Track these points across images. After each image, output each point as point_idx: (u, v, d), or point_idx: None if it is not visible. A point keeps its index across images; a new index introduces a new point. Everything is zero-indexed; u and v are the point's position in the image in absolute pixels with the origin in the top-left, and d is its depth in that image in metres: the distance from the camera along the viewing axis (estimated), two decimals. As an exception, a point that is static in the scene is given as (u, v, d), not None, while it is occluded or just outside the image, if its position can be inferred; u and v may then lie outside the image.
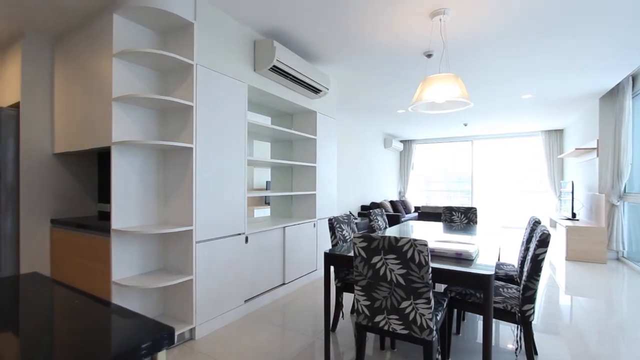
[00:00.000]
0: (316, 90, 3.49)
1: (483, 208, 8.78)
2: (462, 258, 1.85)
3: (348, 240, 2.66)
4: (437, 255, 1.92)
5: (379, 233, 2.82)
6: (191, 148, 2.30)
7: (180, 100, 2.20)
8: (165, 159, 2.47)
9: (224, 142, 2.56)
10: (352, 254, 2.00)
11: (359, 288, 1.66)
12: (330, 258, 2.06)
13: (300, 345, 2.25)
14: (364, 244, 1.61)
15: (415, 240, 1.48)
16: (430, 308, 1.50)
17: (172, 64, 2.31)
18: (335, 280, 2.46)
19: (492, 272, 1.57)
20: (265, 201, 6.08)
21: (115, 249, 2.16)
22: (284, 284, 3.31)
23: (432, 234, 2.74)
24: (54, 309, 0.81)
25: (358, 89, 4.59)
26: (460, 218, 3.70)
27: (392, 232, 2.89)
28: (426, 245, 1.46)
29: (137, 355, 0.57)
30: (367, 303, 1.65)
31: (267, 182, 6.04)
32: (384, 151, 8.82)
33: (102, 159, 2.76)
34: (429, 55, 3.33)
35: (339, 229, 2.58)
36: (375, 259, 1.59)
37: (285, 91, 3.27)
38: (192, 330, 2.32)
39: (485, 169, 8.77)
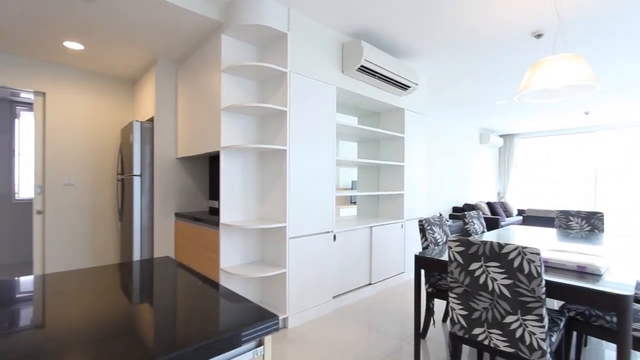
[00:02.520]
0: (404, 87, 3.38)
1: (610, 213, 7.25)
2: (586, 272, 1.57)
3: (440, 243, 2.51)
4: (552, 267, 1.67)
5: (476, 238, 2.58)
6: (285, 150, 2.47)
7: (276, 106, 2.39)
8: (262, 161, 2.71)
9: (314, 144, 2.68)
10: (445, 258, 1.89)
11: (454, 296, 1.55)
12: (420, 261, 1.98)
13: (387, 348, 2.21)
14: (461, 249, 1.50)
15: (524, 247, 1.31)
16: (543, 327, 1.31)
17: (268, 74, 2.53)
18: (425, 285, 2.34)
19: (632, 293, 1.29)
20: (351, 200, 6.15)
21: (223, 240, 2.47)
22: (370, 284, 3.30)
23: (543, 242, 2.39)
24: (181, 287, 0.97)
25: (450, 81, 4.28)
26: (581, 224, 3.13)
27: (490, 237, 2.62)
28: (538, 254, 1.28)
29: (248, 336, 0.65)
30: (464, 313, 1.53)
31: (352, 181, 6.10)
32: (479, 147, 8.03)
33: (212, 161, 3.18)
34: (539, 36, 2.90)
35: (429, 231, 2.45)
36: (474, 266, 1.46)
37: (372, 90, 3.26)
38: (285, 320, 2.50)
39: (613, 166, 7.21)
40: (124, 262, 1.30)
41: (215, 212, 3.00)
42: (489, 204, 7.14)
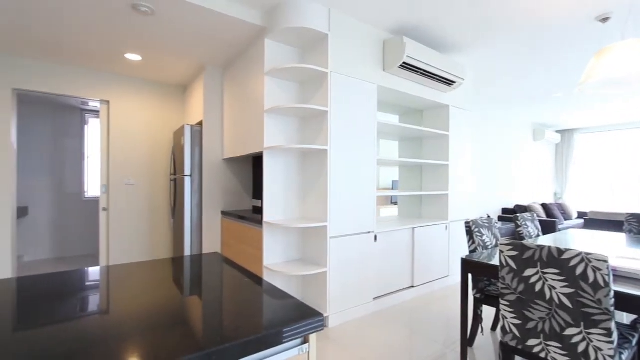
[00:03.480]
0: (449, 82, 3.24)
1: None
2: (663, 284, 1.39)
3: (489, 246, 2.37)
4: (622, 276, 1.50)
5: (530, 242, 2.40)
6: (326, 150, 2.49)
7: (317, 107, 2.42)
8: (304, 161, 2.76)
9: (355, 143, 2.67)
10: (495, 262, 1.78)
11: (506, 303, 1.46)
12: (468, 265, 1.89)
13: (431, 354, 2.14)
14: (514, 253, 1.40)
15: (589, 254, 1.20)
16: (611, 342, 1.19)
17: (309, 75, 2.56)
18: (473, 290, 2.23)
19: None
20: (391, 201, 6.02)
21: (266, 238, 2.55)
22: (412, 286, 3.22)
23: (610, 248, 2.16)
24: (229, 282, 1.02)
25: (501, 74, 4.03)
26: (657, 230, 2.78)
27: (547, 241, 2.42)
28: (606, 261, 1.17)
29: (294, 332, 0.67)
30: (517, 322, 1.43)
31: (392, 181, 5.97)
32: (533, 144, 7.45)
33: (255, 162, 3.30)
34: (604, 20, 2.62)
35: (477, 234, 2.32)
36: (529, 272, 1.36)
37: (415, 87, 3.16)
38: (325, 319, 2.52)
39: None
40: (176, 256, 1.39)
41: (258, 210, 3.10)
42: (544, 206, 6.60)
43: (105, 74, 3.70)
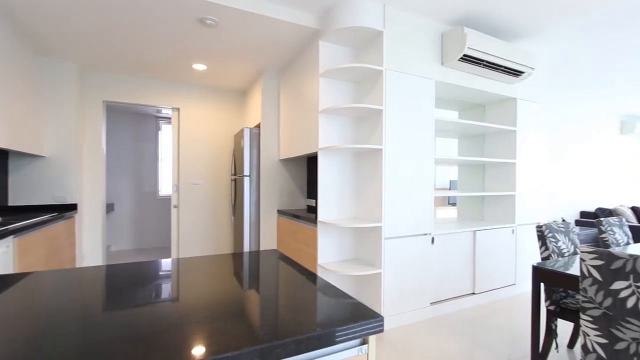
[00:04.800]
0: (517, 73, 2.97)
1: None
2: None
3: (565, 254, 2.13)
4: None
5: (618, 250, 2.10)
6: (380, 149, 2.45)
7: (371, 106, 2.39)
8: (358, 160, 2.74)
9: (411, 142, 2.58)
10: (573, 272, 1.59)
11: (588, 319, 1.29)
12: (540, 273, 1.71)
13: (499, 367, 1.98)
14: (599, 262, 1.24)
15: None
16: None
17: (364, 74, 2.54)
18: (545, 301, 2.01)
19: None
20: (449, 201, 5.70)
21: (321, 237, 2.58)
22: (473, 293, 3.01)
23: None
24: (289, 279, 1.05)
25: (579, 60, 3.58)
26: None
27: (639, 250, 2.10)
28: None
29: (353, 333, 0.67)
30: (603, 341, 1.26)
31: (450, 181, 5.64)
32: (620, 139, 6.49)
33: (309, 162, 3.37)
34: None
35: (552, 239, 2.10)
36: (618, 285, 1.19)
37: (477, 80, 2.96)
38: (381, 321, 2.47)
39: None
40: (237, 252, 1.48)
41: (312, 210, 3.16)
42: (635, 210, 5.71)
43: (176, 83, 4.07)
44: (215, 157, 4.35)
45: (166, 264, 1.24)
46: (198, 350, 0.57)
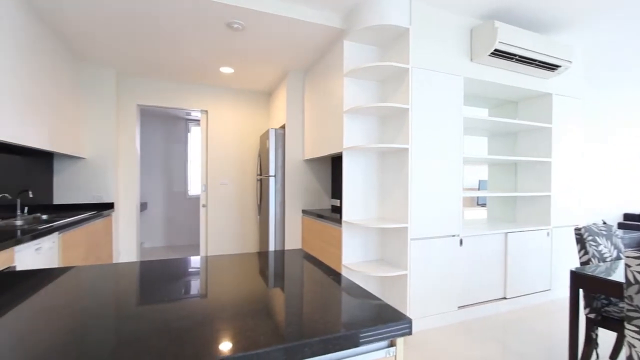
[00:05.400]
0: (552, 67, 2.82)
1: None
2: None
3: (607, 258, 1.99)
4: None
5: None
6: (407, 149, 2.40)
7: (397, 105, 2.35)
8: (383, 160, 2.71)
9: (439, 141, 2.52)
10: (616, 278, 1.48)
11: (634, 329, 1.21)
12: (579, 279, 1.62)
13: (533, 377, 1.88)
14: (646, 270, 1.15)
15: None
16: None
17: (389, 72, 2.50)
18: (585, 309, 1.89)
19: None
20: (478, 202, 5.50)
21: (345, 237, 2.57)
22: (504, 298, 2.89)
23: None
24: (315, 279, 1.05)
25: (625, 51, 3.34)
26: None
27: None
28: None
29: (381, 334, 0.66)
30: (651, 353, 1.17)
31: (479, 181, 5.44)
32: (671, 136, 5.97)
33: (334, 162, 3.37)
34: None
35: (592, 243, 1.97)
36: (668, 294, 1.10)
37: (508, 76, 2.84)
38: (407, 323, 2.43)
39: None
40: (262, 250, 1.50)
41: (337, 210, 3.16)
42: (689, 212, 5.24)
43: (204, 87, 4.21)
44: (242, 157, 4.45)
45: (195, 261, 1.28)
46: (229, 345, 0.58)
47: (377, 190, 2.72)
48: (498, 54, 2.55)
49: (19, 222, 2.36)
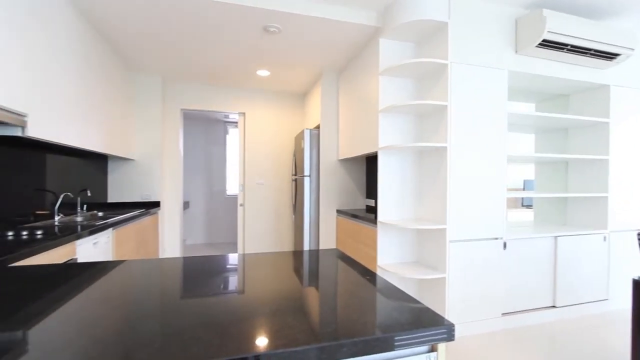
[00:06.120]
0: (610, 56, 2.58)
1: None
2: None
3: (679, 268, 1.78)
4: None
5: None
6: (445, 147, 2.32)
7: (435, 102, 2.28)
8: (420, 160, 2.64)
9: (480, 138, 2.40)
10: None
11: None
12: (644, 289, 1.46)
13: (588, 393, 1.74)
14: None
15: None
16: None
17: (426, 69, 2.43)
18: (651, 322, 1.71)
19: None
20: (522, 203, 5.16)
21: (380, 237, 2.54)
22: (554, 306, 2.69)
23: None
24: (352, 279, 1.05)
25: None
26: None
27: None
28: None
29: (422, 338, 0.64)
30: None
31: (524, 181, 5.10)
32: None
33: (368, 162, 3.33)
34: None
35: (659, 250, 1.77)
36: None
37: (559, 67, 2.64)
38: (445, 328, 2.34)
39: None
40: (297, 250, 1.52)
41: (371, 210, 3.12)
42: None
43: (242, 90, 4.35)
44: (277, 158, 4.55)
45: (233, 258, 1.32)
46: (269, 341, 0.60)
47: (413, 190, 2.65)
48: (547, 44, 2.38)
49: (79, 219, 2.59)
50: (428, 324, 0.67)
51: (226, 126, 6.10)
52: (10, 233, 1.72)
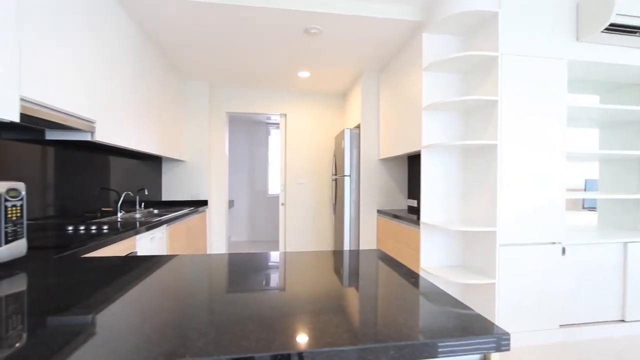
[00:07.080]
0: (695, 39, 2.25)
1: None
2: None
3: None
4: None
5: None
6: (495, 145, 2.18)
7: (484, 97, 2.15)
8: (466, 158, 2.51)
9: (535, 135, 2.23)
10: None
11: None
12: None
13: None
14: None
15: None
16: None
17: (474, 63, 2.31)
18: None
19: None
20: (583, 205, 4.68)
21: (424, 239, 2.46)
22: (623, 321, 2.42)
23: None
24: (396, 281, 1.02)
25: None
26: None
27: None
28: None
29: (473, 346, 0.61)
30: None
31: (586, 180, 4.63)
32: None
33: (410, 161, 3.24)
34: None
35: None
36: None
37: (629, 53, 2.36)
38: (495, 337, 2.20)
39: None
40: (337, 249, 1.52)
41: (413, 210, 3.03)
42: None
43: (283, 92, 4.45)
44: (318, 158, 4.59)
45: (275, 256, 1.36)
46: (316, 339, 0.61)
47: (459, 190, 2.53)
48: (614, 28, 2.14)
49: (137, 215, 2.82)
50: (479, 331, 0.63)
51: (268, 127, 6.28)
52: (81, 227, 1.92)
